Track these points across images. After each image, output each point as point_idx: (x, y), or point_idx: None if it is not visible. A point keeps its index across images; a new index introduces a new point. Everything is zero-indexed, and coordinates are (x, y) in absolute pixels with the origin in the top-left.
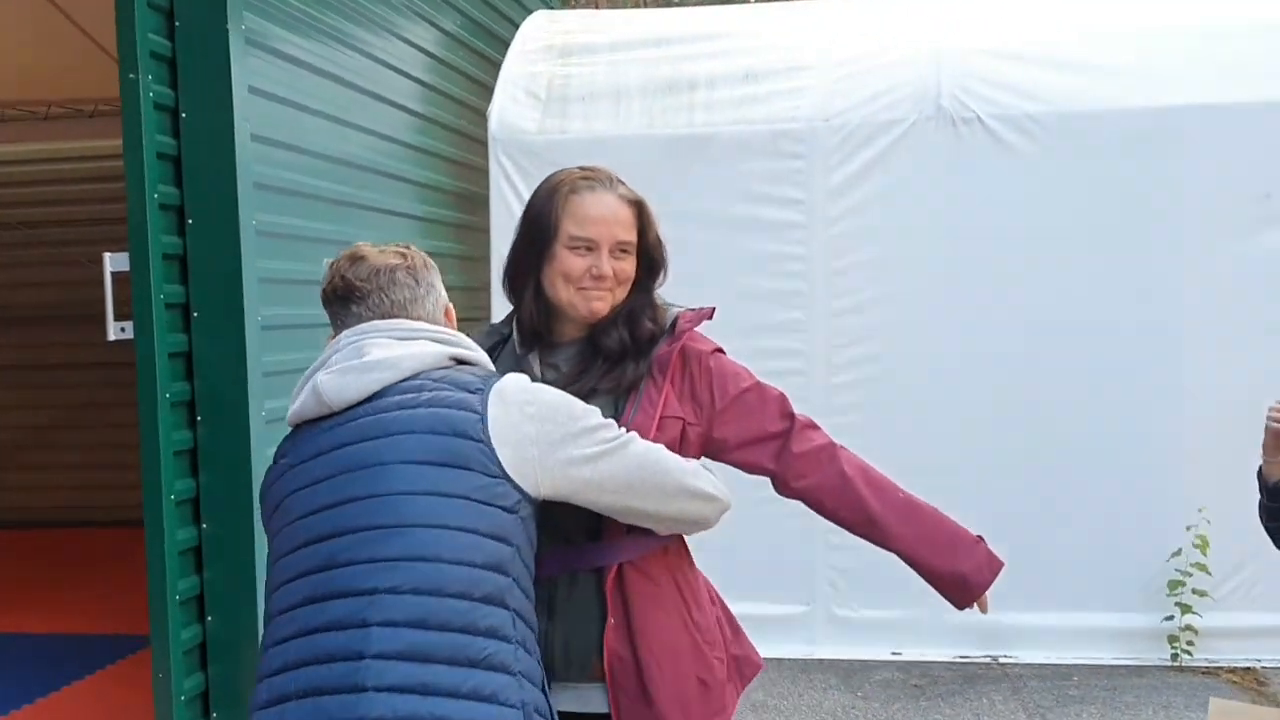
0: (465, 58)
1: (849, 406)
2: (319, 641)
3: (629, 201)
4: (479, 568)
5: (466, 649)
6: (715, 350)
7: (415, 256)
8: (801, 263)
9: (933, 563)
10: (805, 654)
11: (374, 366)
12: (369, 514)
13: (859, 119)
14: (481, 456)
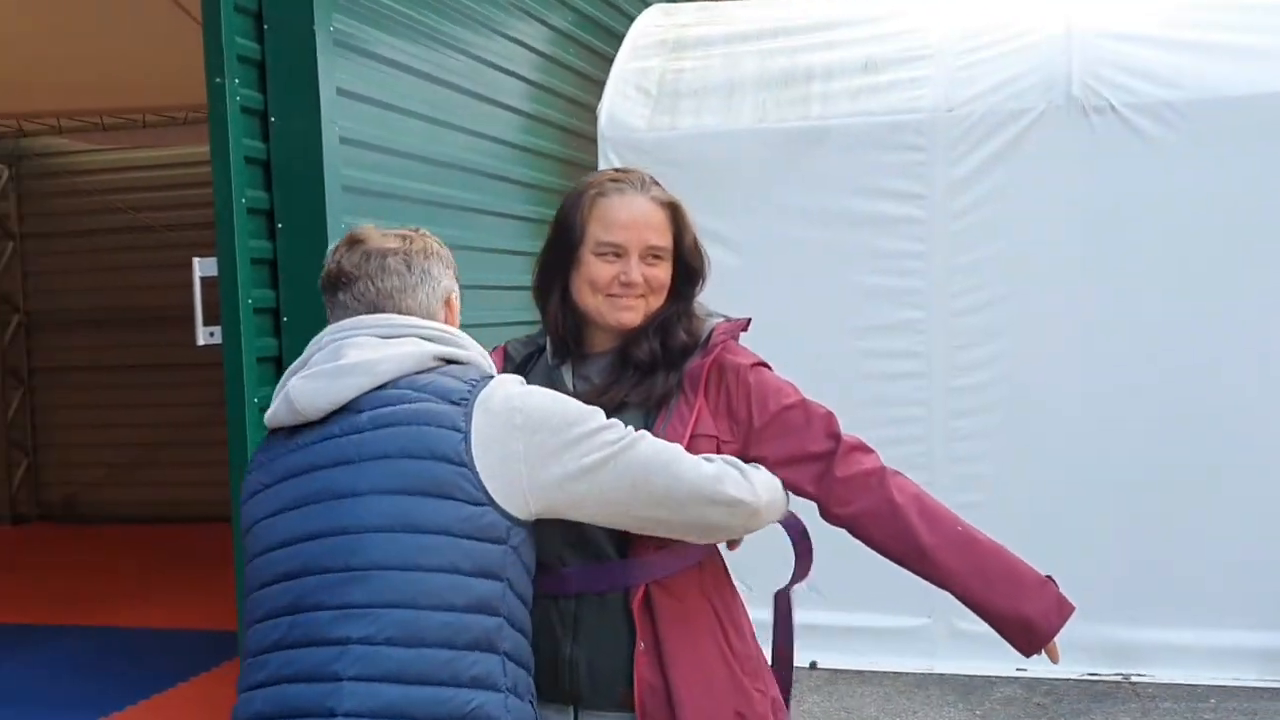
0: (576, 54)
1: (970, 411)
2: (288, 694)
3: (662, 204)
4: (462, 611)
5: (449, 704)
6: (756, 364)
7: (416, 241)
8: (921, 260)
9: (993, 603)
10: (924, 668)
11: (347, 371)
12: (338, 553)
13: (983, 109)
14: (464, 483)
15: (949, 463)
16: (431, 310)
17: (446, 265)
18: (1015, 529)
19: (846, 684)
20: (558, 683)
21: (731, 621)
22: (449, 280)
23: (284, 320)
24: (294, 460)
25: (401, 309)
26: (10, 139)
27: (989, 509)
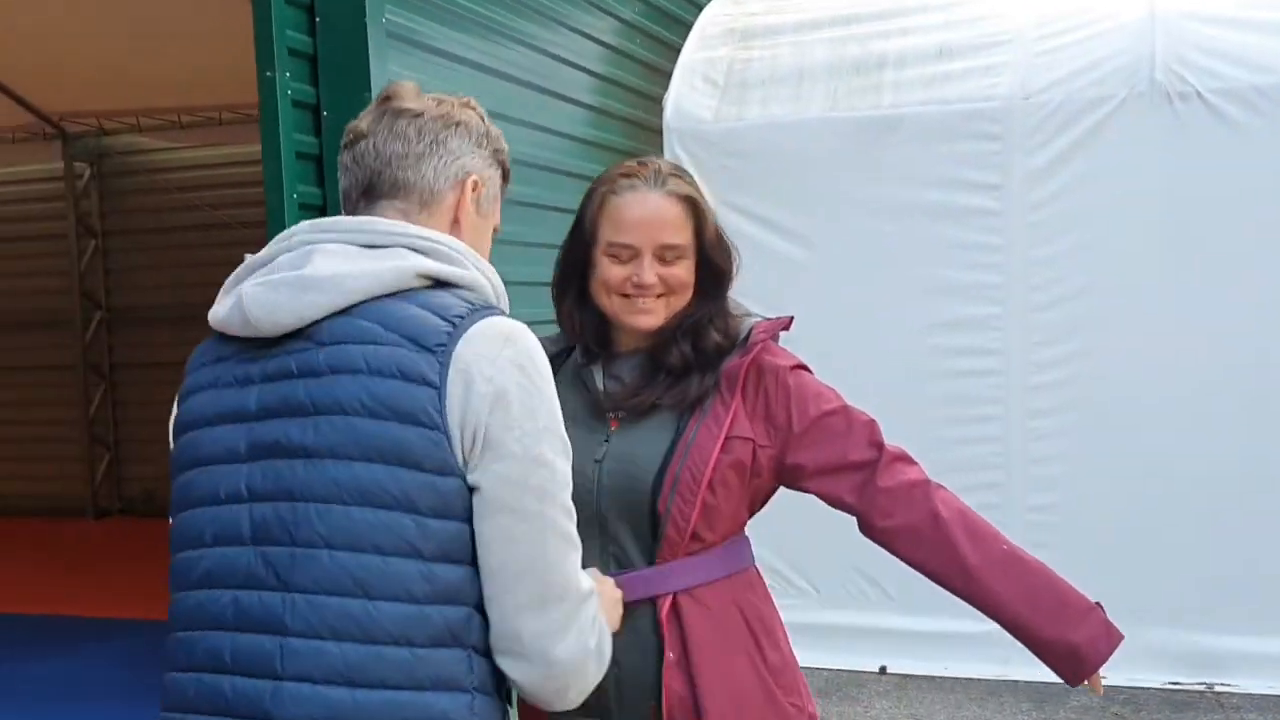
0: (643, 45)
1: (1050, 410)
2: (223, 688)
3: (679, 198)
4: (424, 603)
5: (406, 709)
6: (797, 366)
7: (445, 106)
8: (998, 253)
9: (1039, 628)
10: (996, 674)
11: (313, 285)
12: (283, 524)
13: (1062, 96)
14: (434, 449)
15: (1026, 463)
16: (435, 189)
17: (477, 142)
18: (1094, 532)
19: (917, 690)
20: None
21: (765, 633)
22: (475, 159)
23: None
24: (246, 397)
25: (398, 181)
26: (92, 138)
27: (1067, 511)
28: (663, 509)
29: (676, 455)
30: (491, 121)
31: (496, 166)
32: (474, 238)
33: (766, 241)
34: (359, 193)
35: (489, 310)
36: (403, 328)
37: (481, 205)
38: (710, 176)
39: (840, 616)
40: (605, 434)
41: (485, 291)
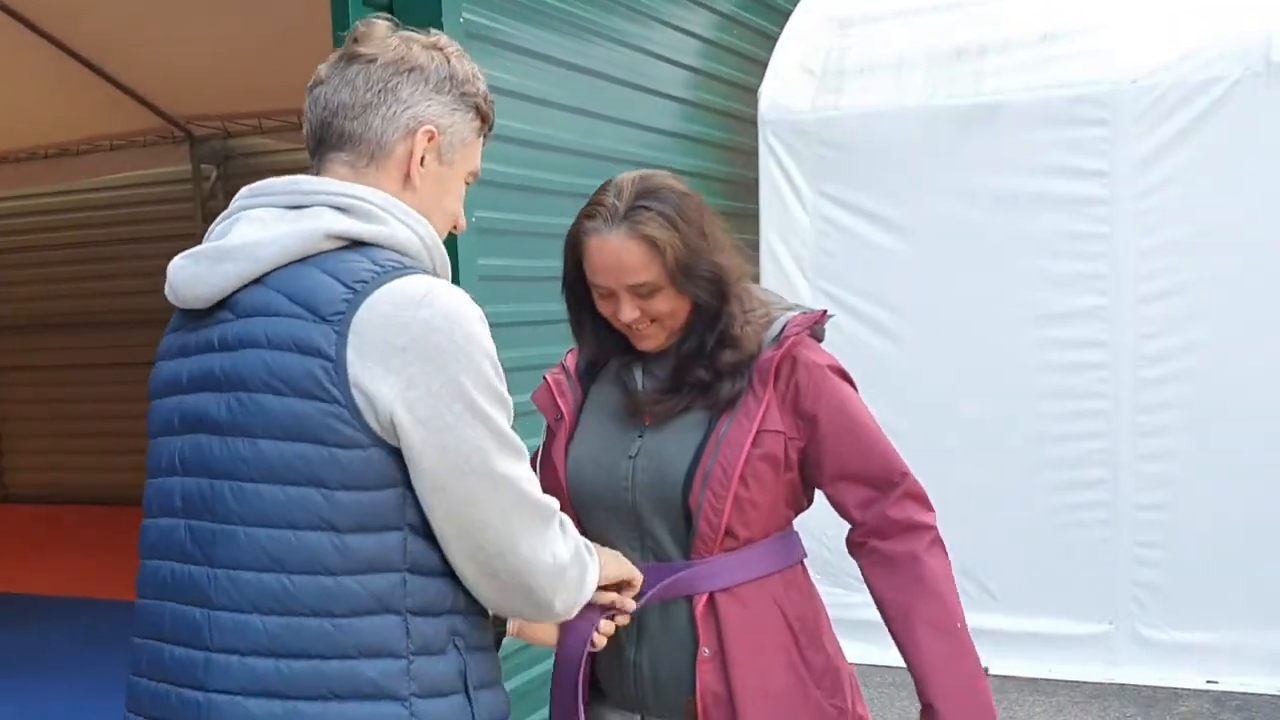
0: (740, 35)
1: (1161, 405)
2: (164, 657)
3: (637, 238)
4: (340, 574)
5: (335, 677)
6: (834, 368)
7: (400, 50)
8: (1104, 242)
9: (941, 703)
10: (1103, 678)
11: (227, 255)
12: (204, 499)
13: (1172, 79)
14: (334, 423)
15: (1135, 460)
16: (384, 141)
17: (436, 88)
18: (1206, 532)
19: (1017, 692)
20: (623, 687)
21: (806, 631)
22: (430, 106)
23: None
24: (183, 368)
25: (345, 132)
26: (217, 140)
27: (1177, 510)
28: (694, 505)
29: (708, 451)
30: (467, 61)
31: (467, 110)
32: (434, 189)
33: (864, 232)
34: (313, 143)
35: (404, 271)
36: (302, 296)
37: (443, 155)
38: (806, 167)
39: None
40: (640, 430)
41: (413, 248)
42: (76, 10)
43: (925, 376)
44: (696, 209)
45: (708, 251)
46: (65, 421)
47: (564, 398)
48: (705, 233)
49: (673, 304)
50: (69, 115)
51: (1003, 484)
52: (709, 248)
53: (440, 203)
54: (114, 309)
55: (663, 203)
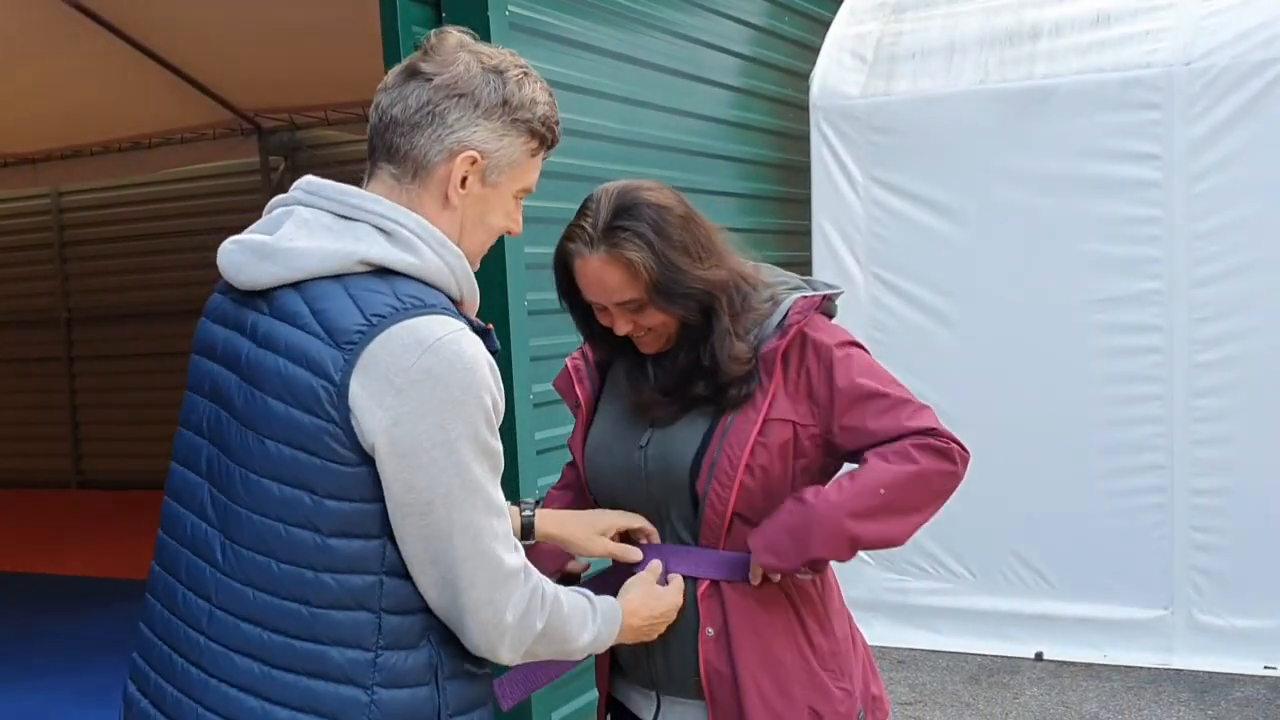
0: (791, 22)
1: (1213, 389)
2: (177, 599)
3: (616, 261)
4: (320, 571)
5: (304, 656)
6: (845, 343)
7: (458, 69)
8: (1158, 226)
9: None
10: (1158, 663)
11: (270, 254)
12: (223, 472)
13: (1226, 60)
14: (329, 440)
15: (1190, 445)
16: (427, 161)
17: (487, 113)
18: (1261, 517)
19: (1071, 677)
20: (639, 667)
21: (814, 615)
22: (477, 132)
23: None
24: (219, 335)
25: (394, 147)
26: (285, 133)
27: (1233, 495)
28: (701, 494)
29: (714, 441)
30: (529, 83)
31: (519, 134)
32: (477, 208)
33: (916, 218)
34: (369, 147)
35: (422, 309)
36: (325, 318)
37: (488, 177)
38: (858, 152)
39: (996, 602)
40: (650, 420)
41: (442, 280)
42: (148, 7)
43: (979, 361)
44: (678, 222)
45: (689, 266)
46: (140, 409)
47: (582, 385)
48: (687, 246)
49: (661, 317)
50: (141, 110)
51: (1058, 469)
52: (691, 262)
53: (484, 220)
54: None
55: (639, 220)
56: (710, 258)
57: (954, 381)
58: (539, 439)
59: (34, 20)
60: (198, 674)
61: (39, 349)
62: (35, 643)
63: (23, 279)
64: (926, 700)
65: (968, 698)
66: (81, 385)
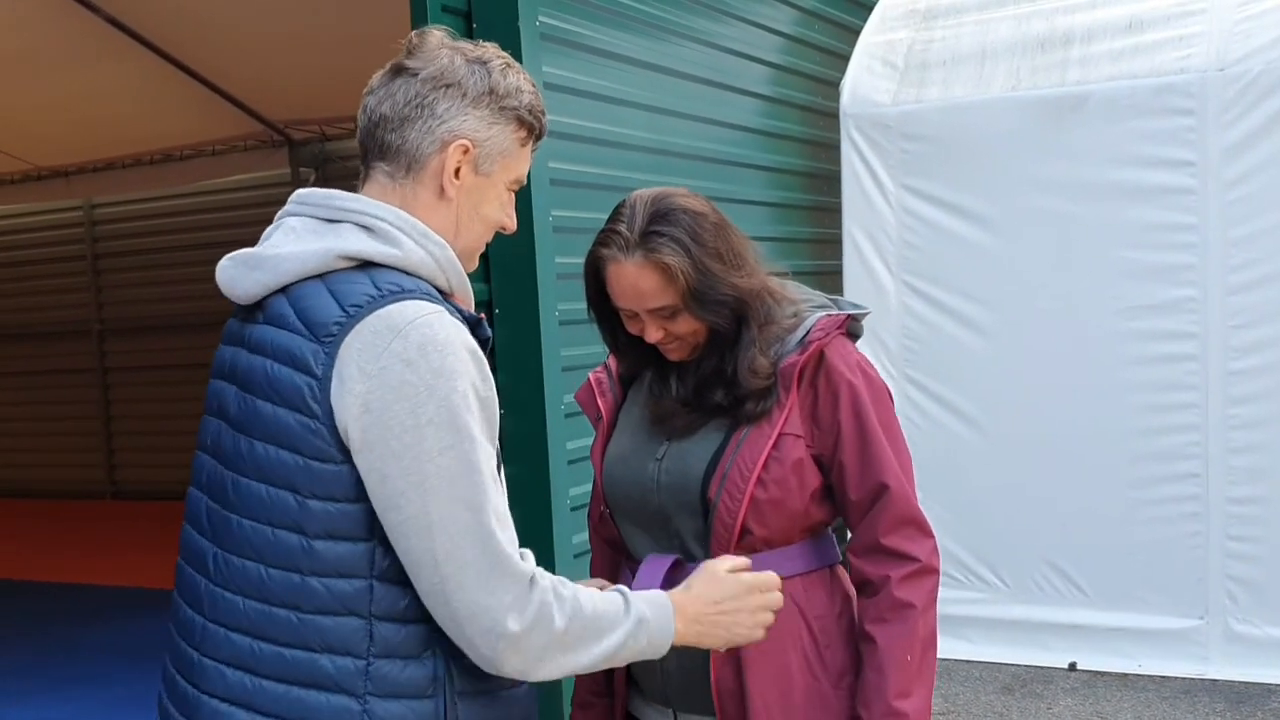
0: (821, 30)
1: (1250, 397)
2: (179, 615)
3: (652, 265)
4: (307, 575)
5: (295, 665)
6: (860, 371)
7: (443, 62)
8: (1193, 233)
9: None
10: (1194, 673)
11: (257, 264)
12: (218, 483)
13: (1261, 65)
14: (312, 437)
15: (1225, 454)
16: (419, 154)
17: (474, 102)
18: None
19: (1105, 687)
20: (652, 683)
21: (825, 631)
22: (466, 121)
23: (496, 313)
24: (224, 355)
25: (385, 144)
26: (315, 144)
27: (1270, 504)
28: (711, 505)
29: (727, 452)
30: (513, 73)
31: (507, 123)
32: (471, 199)
33: (948, 226)
34: (361, 150)
35: (401, 296)
36: (307, 315)
37: (480, 166)
38: (889, 160)
39: (1030, 611)
40: (668, 433)
41: (426, 270)
42: (179, 20)
43: (1012, 370)
44: (712, 229)
45: (723, 273)
46: (172, 420)
47: (604, 398)
48: (721, 253)
49: (694, 325)
50: (173, 122)
51: (1092, 478)
52: (725, 269)
53: (478, 211)
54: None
55: (675, 226)
56: (743, 266)
57: (986, 390)
58: (570, 449)
59: (66, 34)
60: (191, 691)
61: (72, 360)
62: (67, 652)
63: (56, 291)
64: (959, 710)
65: (1000, 708)
66: (115, 396)
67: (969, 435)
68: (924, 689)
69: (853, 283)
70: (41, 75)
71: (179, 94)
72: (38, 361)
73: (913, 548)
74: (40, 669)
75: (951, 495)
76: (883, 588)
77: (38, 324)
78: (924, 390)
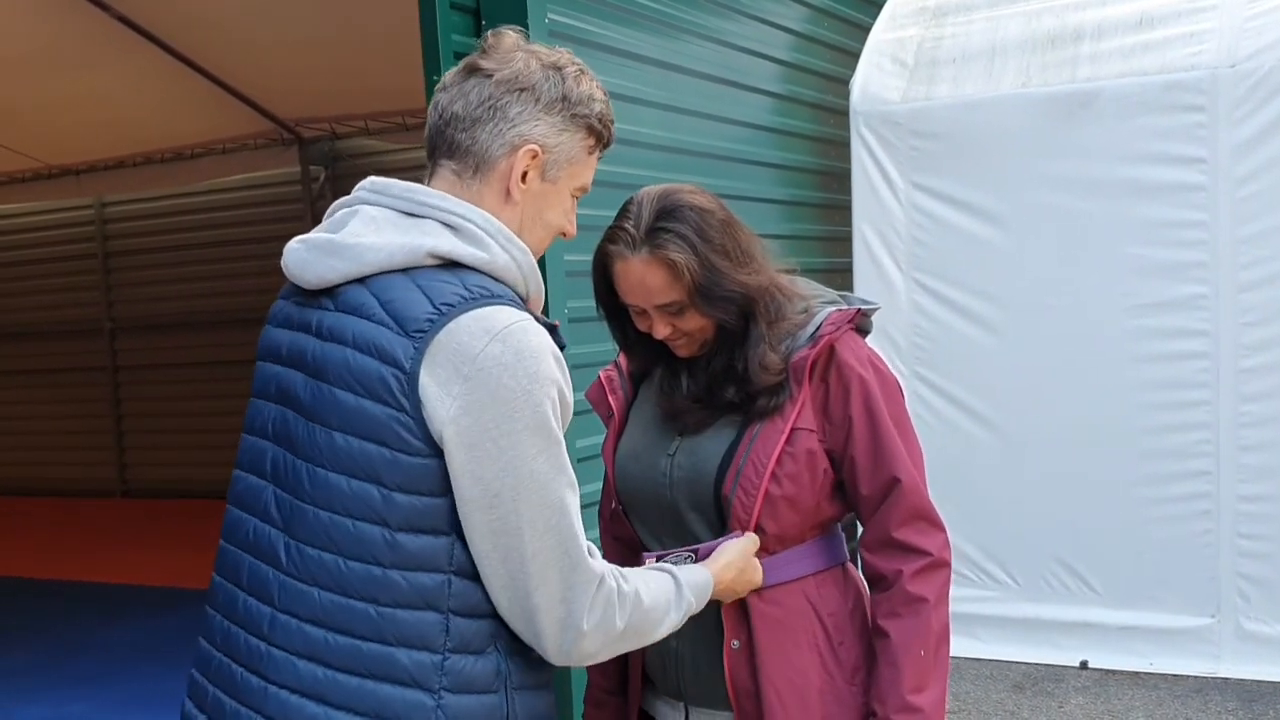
0: (831, 27)
1: (1261, 394)
2: (237, 604)
3: (659, 262)
4: (389, 568)
5: (370, 658)
6: (870, 366)
7: (518, 65)
8: (1203, 230)
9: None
10: (1206, 671)
11: (336, 251)
12: (289, 471)
13: (1272, 62)
14: (398, 429)
15: (1237, 451)
16: (489, 156)
17: (546, 108)
18: None
19: (1117, 686)
20: (667, 678)
21: (838, 627)
22: (537, 126)
23: None
24: (284, 339)
25: (455, 143)
26: (325, 142)
27: None
28: (725, 501)
29: (741, 447)
30: (586, 80)
31: (577, 130)
32: (536, 203)
33: (958, 223)
34: (429, 146)
35: (490, 300)
36: (394, 308)
37: (547, 172)
38: (899, 158)
39: (1040, 609)
40: (681, 428)
41: (510, 275)
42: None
43: (1023, 367)
44: (719, 226)
45: (730, 270)
46: (184, 418)
47: (615, 395)
48: (728, 250)
49: (701, 321)
50: (183, 121)
51: (1103, 476)
52: (732, 265)
53: (542, 216)
54: (229, 308)
55: (682, 223)
56: (751, 263)
57: (996, 387)
58: (580, 447)
59: (76, 32)
60: (258, 682)
61: (83, 359)
62: (81, 650)
63: (67, 289)
64: (970, 709)
65: (1011, 706)
66: (125, 395)
67: (979, 433)
68: (939, 683)
69: (863, 280)
70: (52, 74)
71: (189, 93)
72: (49, 360)
73: (925, 541)
74: (53, 667)
75: (961, 493)
76: (895, 582)
77: (49, 322)
78: (934, 388)
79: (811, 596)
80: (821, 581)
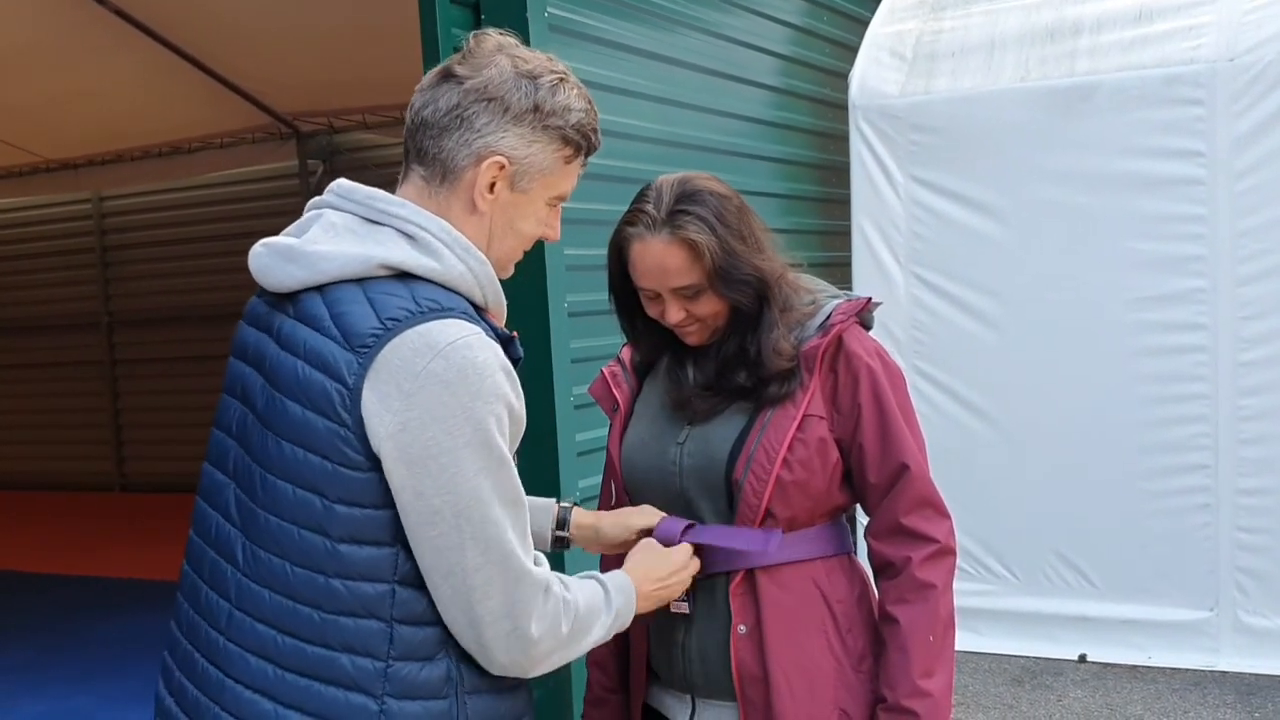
0: (830, 21)
1: (1260, 388)
2: (200, 596)
3: (679, 241)
4: (332, 577)
5: (314, 661)
6: (878, 357)
7: (489, 74)
8: (1202, 224)
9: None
10: (1204, 665)
11: (295, 257)
12: (246, 473)
13: (1271, 55)
14: (340, 444)
15: (1236, 445)
16: (455, 165)
17: (516, 118)
18: None
19: (1116, 679)
20: (674, 669)
21: (846, 615)
22: (505, 138)
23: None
24: (249, 336)
25: (424, 149)
26: (323, 136)
27: None
28: (736, 485)
29: (752, 434)
30: (564, 89)
31: (550, 141)
32: (505, 214)
33: (957, 217)
34: (404, 148)
35: (439, 314)
36: (343, 321)
37: (517, 183)
38: (898, 151)
39: (1039, 603)
40: (690, 417)
41: (465, 286)
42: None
43: (1021, 361)
44: (736, 212)
45: (746, 254)
46: (181, 412)
47: (620, 389)
48: (744, 235)
49: (716, 306)
50: (181, 114)
51: (1101, 469)
52: (748, 250)
53: (514, 226)
54: (226, 302)
55: (702, 206)
56: (764, 250)
57: (995, 381)
58: (579, 441)
59: (74, 27)
60: (216, 674)
61: (81, 353)
62: (81, 644)
63: (65, 283)
64: (969, 703)
65: (1010, 700)
66: (123, 389)
67: (978, 427)
68: (946, 668)
69: (861, 274)
70: (50, 68)
71: (187, 86)
72: (46, 354)
73: (932, 528)
74: (54, 662)
75: (960, 487)
76: (904, 569)
77: (46, 316)
78: (933, 382)
79: (821, 583)
80: (830, 568)
